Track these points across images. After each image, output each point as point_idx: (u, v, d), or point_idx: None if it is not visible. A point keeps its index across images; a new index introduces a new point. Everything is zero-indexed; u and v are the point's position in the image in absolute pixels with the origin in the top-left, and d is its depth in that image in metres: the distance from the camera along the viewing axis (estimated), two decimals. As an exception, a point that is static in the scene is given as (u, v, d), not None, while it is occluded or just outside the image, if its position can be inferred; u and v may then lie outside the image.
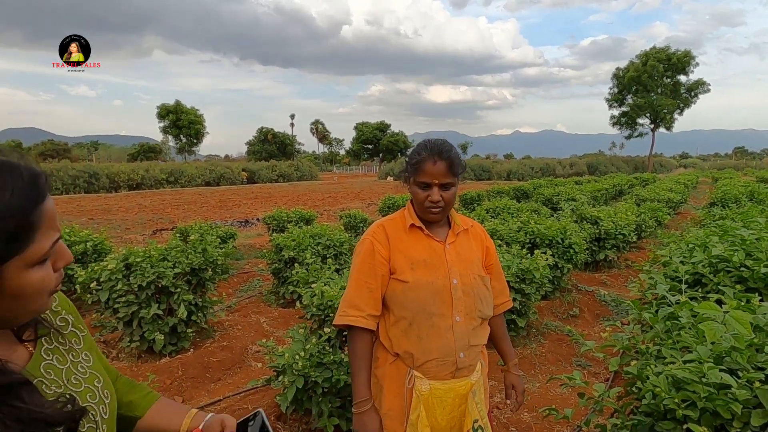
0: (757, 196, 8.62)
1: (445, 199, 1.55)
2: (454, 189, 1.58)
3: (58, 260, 0.79)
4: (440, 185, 1.54)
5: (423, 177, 1.54)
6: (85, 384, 0.88)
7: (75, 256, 5.04)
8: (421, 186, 1.56)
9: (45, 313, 0.89)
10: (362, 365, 1.56)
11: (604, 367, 3.91)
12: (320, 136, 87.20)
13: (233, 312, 5.34)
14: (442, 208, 1.56)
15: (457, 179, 1.59)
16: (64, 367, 0.87)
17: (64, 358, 0.88)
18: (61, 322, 0.93)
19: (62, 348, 0.90)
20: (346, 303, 1.58)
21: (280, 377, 2.58)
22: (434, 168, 1.52)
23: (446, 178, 1.53)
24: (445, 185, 1.55)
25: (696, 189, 24.49)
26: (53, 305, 0.93)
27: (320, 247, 5.47)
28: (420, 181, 1.55)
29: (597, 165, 54.25)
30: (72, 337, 0.93)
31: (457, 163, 1.56)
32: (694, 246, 3.16)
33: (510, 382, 1.83)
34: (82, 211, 17.04)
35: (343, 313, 1.58)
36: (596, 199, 13.68)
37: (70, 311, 0.97)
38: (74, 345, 0.92)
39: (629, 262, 7.40)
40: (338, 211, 13.81)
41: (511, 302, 1.86)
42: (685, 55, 49.39)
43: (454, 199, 1.59)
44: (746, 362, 1.49)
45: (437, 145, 1.56)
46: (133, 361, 3.96)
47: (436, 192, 1.53)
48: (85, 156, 59.08)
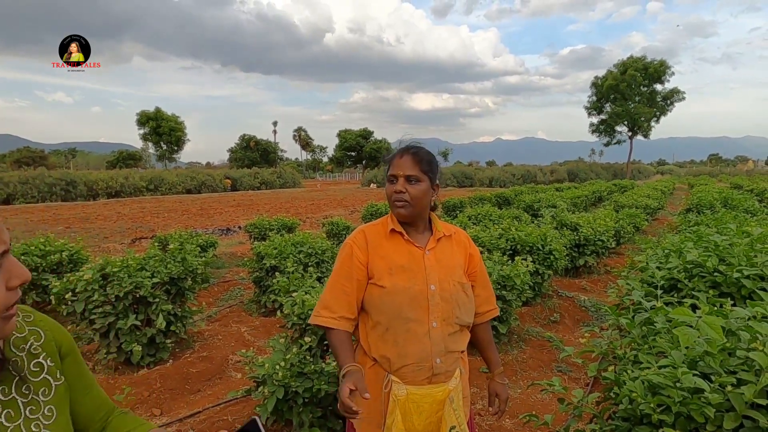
0: (731, 202, 8.84)
1: (411, 193, 1.56)
2: (423, 186, 1.57)
3: (11, 278, 0.71)
4: (405, 177, 1.56)
5: (391, 170, 1.59)
6: None
7: (50, 266, 4.92)
8: (391, 180, 1.60)
9: (19, 355, 0.80)
10: (343, 347, 1.55)
11: (584, 373, 3.95)
12: (303, 143, 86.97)
13: (214, 321, 5.26)
14: (407, 202, 1.56)
15: (428, 177, 1.58)
16: (11, 425, 0.76)
17: (17, 414, 0.77)
18: (34, 368, 0.82)
19: (20, 401, 0.79)
20: (321, 304, 1.61)
21: (260, 388, 2.55)
22: (400, 161, 1.58)
23: (411, 170, 1.56)
24: (410, 178, 1.56)
25: (673, 195, 25.03)
26: (33, 346, 0.83)
27: (302, 255, 5.44)
28: (390, 174, 1.60)
29: (577, 172, 55.10)
30: (40, 387, 0.82)
31: (424, 159, 1.58)
32: (670, 252, 3.22)
33: (494, 389, 1.83)
34: (59, 220, 16.67)
35: (317, 314, 1.60)
36: (576, 205, 13.89)
37: (51, 353, 0.86)
38: (39, 396, 0.81)
39: (608, 267, 7.51)
40: (321, 219, 13.76)
41: (497, 310, 1.85)
42: (661, 65, 50.61)
43: (422, 196, 1.58)
44: (719, 366, 1.52)
45: (407, 144, 1.63)
46: (110, 373, 3.87)
47: (400, 183, 1.56)
48: (63, 163, 57.96)
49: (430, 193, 1.61)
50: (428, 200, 1.61)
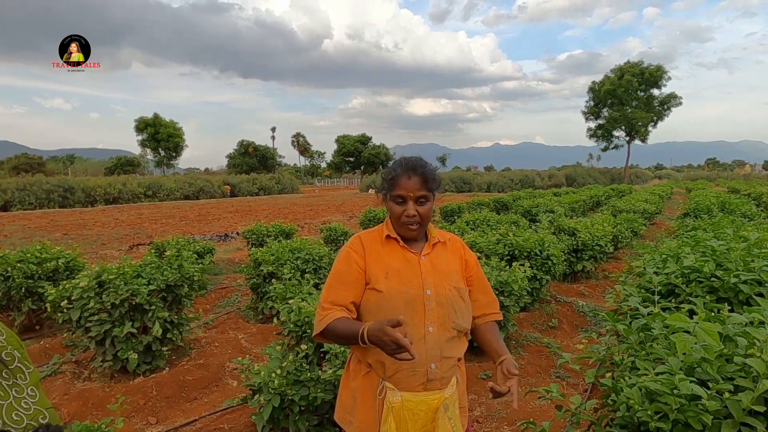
0: (728, 206, 8.85)
1: (421, 214, 1.57)
2: (430, 204, 1.60)
3: None
4: (415, 199, 1.56)
5: (398, 191, 1.56)
6: (27, 420, 0.89)
7: (46, 273, 4.90)
8: (397, 201, 1.58)
9: None
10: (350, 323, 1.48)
11: (582, 379, 3.94)
12: (301, 148, 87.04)
13: (211, 329, 5.24)
14: (419, 224, 1.58)
15: (433, 195, 1.60)
16: (6, 403, 0.87)
17: (6, 394, 0.89)
18: (7, 357, 0.93)
19: (5, 383, 0.90)
20: (319, 307, 1.57)
21: (256, 396, 2.53)
22: (409, 183, 1.55)
23: (421, 191, 1.56)
24: (420, 199, 1.57)
25: (671, 200, 25.06)
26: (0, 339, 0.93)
27: (299, 261, 5.42)
28: (395, 195, 1.57)
29: (575, 176, 55.18)
30: (18, 373, 0.94)
31: (431, 178, 1.58)
32: (668, 257, 3.22)
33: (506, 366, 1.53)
34: (56, 227, 16.63)
35: (319, 319, 1.54)
36: (574, 210, 13.89)
37: (17, 347, 0.97)
38: (19, 380, 0.93)
39: (606, 272, 7.51)
40: (319, 224, 13.74)
41: (500, 314, 1.80)
42: (658, 70, 50.85)
43: (430, 214, 1.61)
44: (716, 373, 1.51)
45: (411, 161, 1.60)
46: (106, 381, 3.84)
47: (411, 206, 1.56)
48: (61, 170, 57.88)
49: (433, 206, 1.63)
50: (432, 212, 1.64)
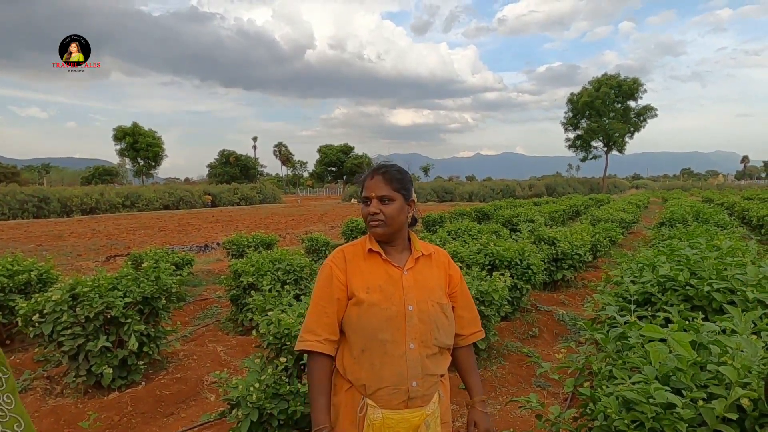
0: (702, 216, 9.06)
1: (385, 213, 1.57)
2: (396, 205, 1.58)
3: None
4: (378, 198, 1.57)
5: (364, 192, 1.61)
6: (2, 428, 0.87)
7: (17, 286, 4.76)
8: (364, 201, 1.62)
9: None
10: (320, 391, 1.53)
11: (562, 388, 3.96)
12: (284, 158, 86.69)
13: (189, 341, 5.14)
14: (383, 222, 1.57)
15: (400, 195, 1.59)
16: None
17: None
18: None
19: None
20: (304, 328, 1.59)
21: (234, 410, 2.48)
22: (371, 182, 1.59)
23: (383, 191, 1.57)
24: (383, 198, 1.57)
25: (647, 209, 25.57)
26: None
27: (280, 272, 5.37)
28: (363, 196, 1.61)
29: (555, 186, 55.98)
30: None
31: (395, 178, 1.59)
32: (644, 266, 3.27)
33: (473, 418, 1.69)
34: (30, 237, 16.22)
35: (301, 339, 1.58)
36: (554, 219, 14.07)
37: None
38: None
39: (586, 281, 7.60)
40: (301, 234, 13.65)
41: (482, 333, 1.79)
42: (634, 82, 52.17)
43: (397, 215, 1.58)
44: (690, 381, 1.53)
45: (378, 164, 1.65)
46: (79, 397, 3.73)
47: (374, 204, 1.58)
48: (36, 179, 56.62)
49: (405, 210, 1.61)
50: (404, 217, 1.61)
